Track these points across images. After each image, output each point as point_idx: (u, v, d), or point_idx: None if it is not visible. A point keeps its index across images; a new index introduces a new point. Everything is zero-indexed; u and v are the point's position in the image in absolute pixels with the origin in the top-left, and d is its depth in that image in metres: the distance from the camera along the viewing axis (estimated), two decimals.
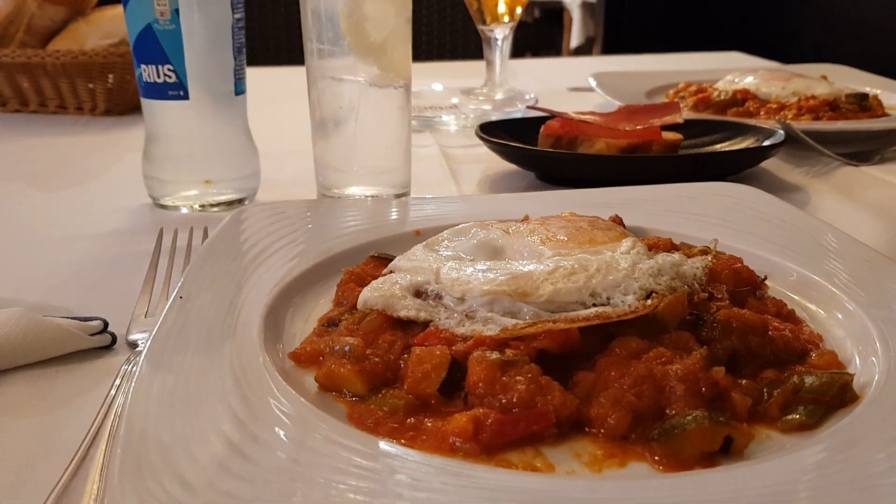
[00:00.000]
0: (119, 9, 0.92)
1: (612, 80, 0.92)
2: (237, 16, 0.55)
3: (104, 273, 0.46)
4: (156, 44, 0.53)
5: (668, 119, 0.60)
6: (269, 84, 1.04)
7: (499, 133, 0.66)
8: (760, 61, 1.22)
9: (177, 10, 0.52)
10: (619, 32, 1.96)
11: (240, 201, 0.58)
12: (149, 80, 0.54)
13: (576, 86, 1.04)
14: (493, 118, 0.81)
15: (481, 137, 0.63)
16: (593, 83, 0.92)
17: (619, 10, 1.94)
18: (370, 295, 0.34)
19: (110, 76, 0.87)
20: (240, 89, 0.57)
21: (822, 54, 1.65)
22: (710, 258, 0.36)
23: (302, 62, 0.56)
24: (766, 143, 0.60)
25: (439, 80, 0.87)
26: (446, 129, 0.81)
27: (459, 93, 0.94)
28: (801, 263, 0.40)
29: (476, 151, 0.67)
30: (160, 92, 0.54)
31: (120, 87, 0.88)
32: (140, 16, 0.53)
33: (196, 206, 0.56)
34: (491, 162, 0.66)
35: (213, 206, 0.57)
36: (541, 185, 0.62)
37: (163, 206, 0.57)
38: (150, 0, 0.52)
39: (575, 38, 4.79)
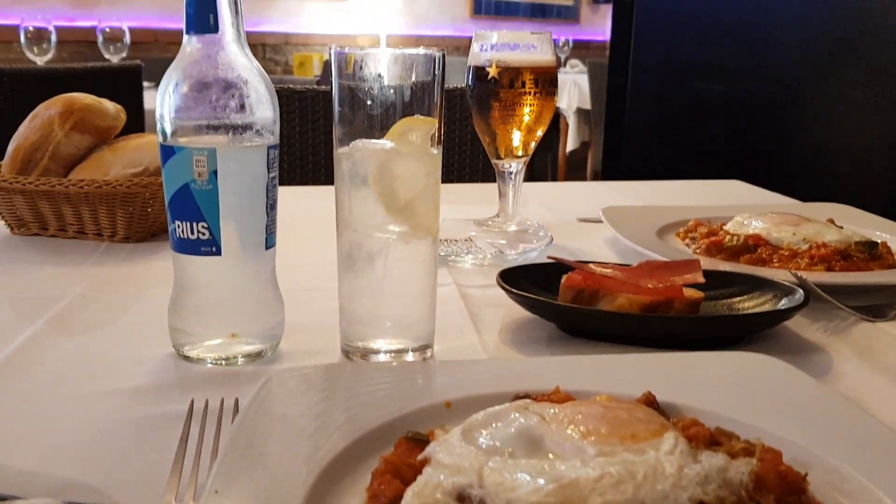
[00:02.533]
0: (144, 138, 0.95)
1: (622, 216, 0.94)
2: (272, 174, 0.57)
3: (131, 440, 0.46)
4: (192, 203, 0.54)
5: (690, 278, 0.61)
6: (299, 202, 1.06)
7: (519, 279, 0.66)
8: (762, 192, 1.25)
9: (215, 172, 0.53)
10: (617, 150, 2.00)
11: (263, 353, 0.58)
12: (182, 237, 0.55)
13: (585, 216, 1.05)
14: (510, 257, 0.82)
15: (503, 287, 0.64)
16: (603, 218, 0.93)
17: (618, 128, 1.99)
18: (414, 503, 0.34)
19: (132, 205, 0.88)
20: (270, 243, 0.58)
21: (821, 186, 1.70)
22: (755, 462, 0.36)
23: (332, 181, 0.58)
24: (786, 303, 0.61)
25: (450, 203, 0.88)
26: (463, 266, 0.81)
27: (474, 224, 0.96)
28: (839, 455, 0.40)
29: (494, 293, 0.67)
30: (193, 248, 0.55)
31: (141, 215, 0.89)
32: (178, 176, 0.54)
33: (222, 361, 0.56)
34: (511, 307, 0.67)
35: (237, 357, 0.57)
36: (562, 335, 0.63)
37: (187, 358, 0.57)
38: (190, 162, 0.53)
39: (571, 142, 4.91)
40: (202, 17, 0.54)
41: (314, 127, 1.51)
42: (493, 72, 0.93)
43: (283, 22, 4.84)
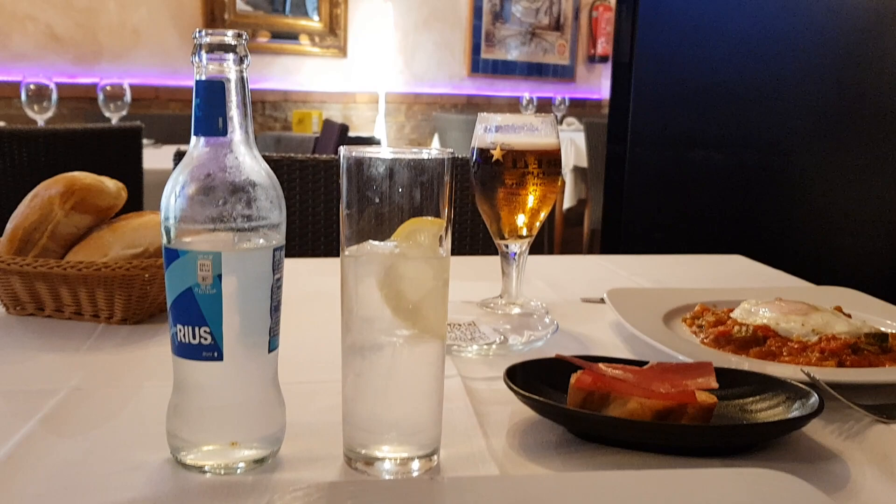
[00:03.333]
0: (144, 218, 0.94)
1: (626, 299, 0.93)
2: (277, 276, 0.56)
3: None
4: (195, 307, 0.53)
5: (703, 382, 0.59)
6: (299, 276, 1.05)
7: (527, 377, 0.65)
8: (765, 269, 1.25)
9: (219, 276, 0.52)
10: (617, 217, 2.01)
11: (263, 459, 0.56)
12: (183, 341, 0.53)
13: (588, 296, 1.04)
14: (516, 347, 0.81)
15: (511, 388, 0.62)
16: (608, 301, 0.92)
17: (617, 196, 2.00)
18: None
19: (131, 288, 0.86)
20: (273, 346, 0.56)
21: (823, 257, 1.70)
22: None
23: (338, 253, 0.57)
24: (800, 408, 0.60)
25: (451, 279, 0.87)
26: (467, 356, 0.80)
27: (476, 306, 0.94)
28: None
29: (501, 387, 0.66)
30: (194, 353, 0.53)
31: (140, 297, 0.87)
32: (181, 280, 0.53)
33: (220, 470, 0.54)
34: (518, 405, 0.65)
35: (237, 466, 0.55)
36: (572, 438, 0.61)
37: (185, 465, 0.55)
38: (194, 265, 0.52)
39: (568, 200, 4.94)
40: (211, 120, 0.54)
41: (314, 196, 1.51)
42: (497, 154, 0.93)
43: (282, 80, 4.90)
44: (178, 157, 1.45)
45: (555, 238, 4.85)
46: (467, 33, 5.99)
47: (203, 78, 0.54)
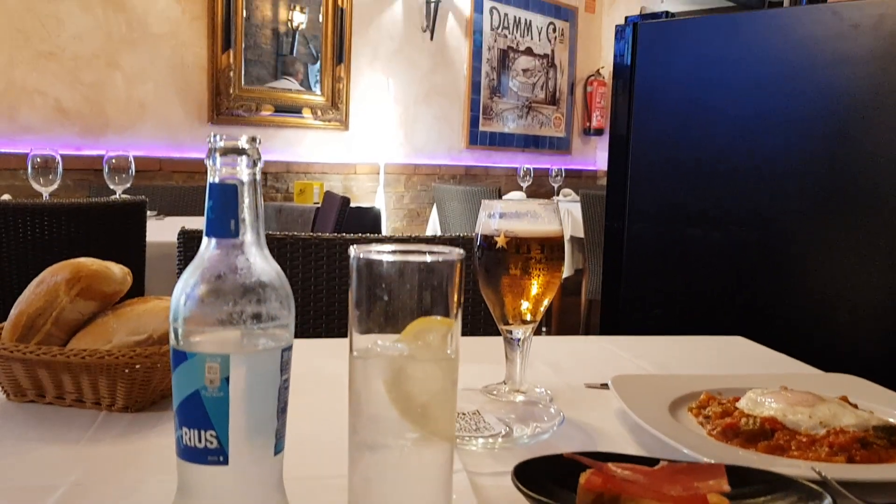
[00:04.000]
0: (149, 304, 0.94)
1: (631, 387, 0.93)
2: (285, 376, 0.55)
3: None
4: (201, 410, 0.52)
5: (714, 485, 0.58)
6: (301, 358, 1.04)
7: (536, 475, 0.64)
8: (767, 352, 1.25)
9: (227, 378, 0.52)
10: (615, 293, 2.01)
11: None
12: (189, 444, 0.53)
13: (592, 381, 1.04)
14: (522, 441, 0.80)
15: (519, 489, 0.61)
16: (613, 389, 0.92)
17: (616, 271, 2.00)
18: None
19: (134, 376, 0.86)
20: (279, 448, 0.56)
21: (822, 337, 1.70)
22: None
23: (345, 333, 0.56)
24: None
25: None
26: (472, 448, 0.79)
27: (480, 393, 0.94)
28: None
29: (507, 483, 0.65)
30: (199, 457, 0.53)
31: (142, 385, 0.87)
32: (189, 382, 0.53)
33: None
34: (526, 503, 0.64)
35: None
36: None
37: None
38: (202, 368, 0.52)
39: (566, 270, 4.95)
40: (223, 222, 0.54)
41: (316, 275, 1.52)
42: (501, 241, 0.94)
43: (285, 151, 4.97)
44: (183, 236, 1.46)
45: (553, 308, 4.85)
46: (466, 107, 6.11)
47: (216, 181, 0.55)
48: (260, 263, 0.55)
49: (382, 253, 0.54)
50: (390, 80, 5.50)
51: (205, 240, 0.55)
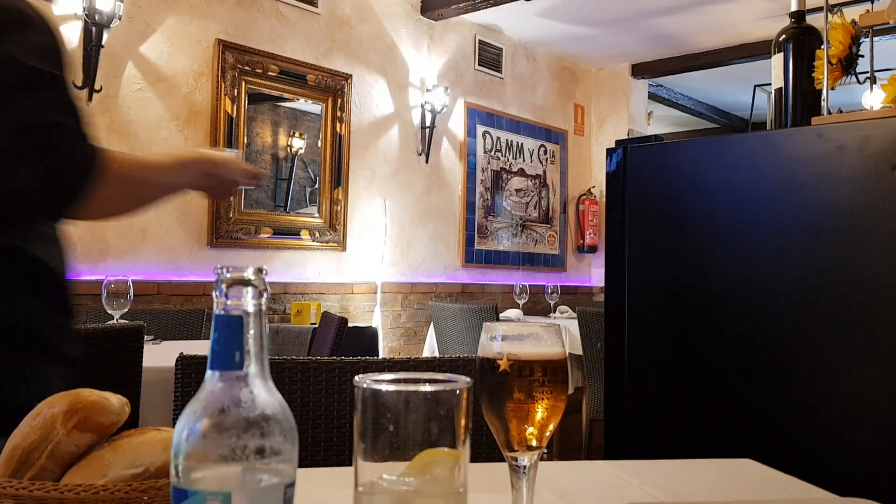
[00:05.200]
0: (146, 435, 0.92)
1: None
2: (288, 494, 0.54)
3: None
4: None
5: None
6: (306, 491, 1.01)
7: None
8: (777, 475, 1.22)
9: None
10: (619, 414, 1.98)
11: None
12: None
13: None
14: None
15: None
16: None
17: (618, 392, 1.98)
18: None
19: None
20: None
21: (829, 458, 1.66)
22: None
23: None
24: None
25: None
26: None
27: None
28: None
29: None
30: None
31: None
32: None
33: None
34: None
35: None
36: None
37: None
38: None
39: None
40: (228, 354, 0.54)
41: (315, 400, 1.49)
42: (504, 364, 0.93)
43: (283, 273, 5.01)
44: (181, 362, 1.45)
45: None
46: (461, 226, 6.22)
47: (222, 312, 0.55)
48: (264, 395, 0.55)
49: (388, 382, 0.54)
50: (386, 202, 5.62)
51: (209, 372, 0.55)
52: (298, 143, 5.23)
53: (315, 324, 4.70)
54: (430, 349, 5.23)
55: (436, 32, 6.10)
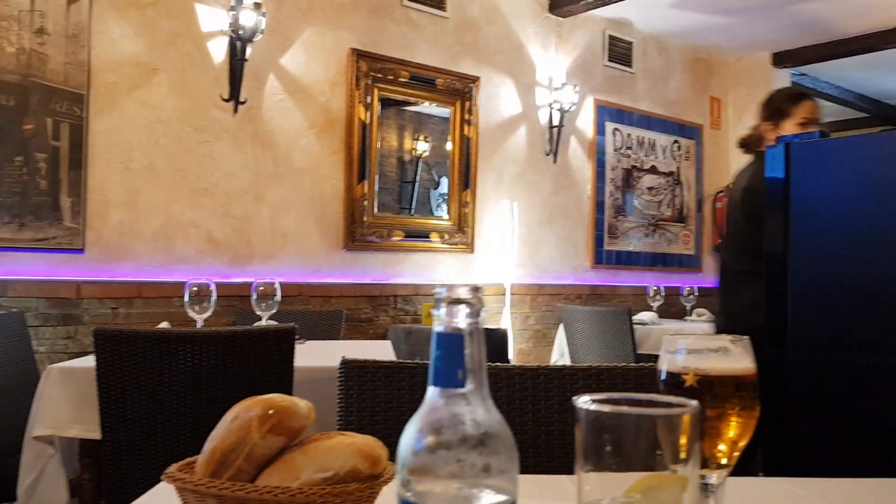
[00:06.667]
0: (333, 440, 0.95)
1: None
2: None
3: None
4: None
5: None
6: None
7: None
8: None
9: None
10: (780, 429, 1.88)
11: None
12: None
13: None
14: None
15: None
16: None
17: (778, 401, 1.89)
18: None
19: None
20: None
21: None
22: None
23: None
24: None
25: None
26: None
27: None
28: None
29: None
30: None
31: None
32: None
33: None
34: None
35: None
36: None
37: None
38: None
39: None
40: (450, 372, 0.55)
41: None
42: (690, 380, 0.90)
43: (414, 275, 5.11)
44: (344, 366, 1.49)
45: None
46: (590, 226, 6.12)
47: (444, 330, 0.56)
48: (485, 413, 0.55)
49: (611, 403, 0.53)
50: (514, 203, 5.61)
51: (431, 389, 0.56)
52: (422, 147, 5.31)
53: None
54: (559, 352, 5.18)
55: (563, 30, 6.03)
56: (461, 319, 0.56)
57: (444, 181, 5.38)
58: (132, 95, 4.04)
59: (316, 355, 2.96)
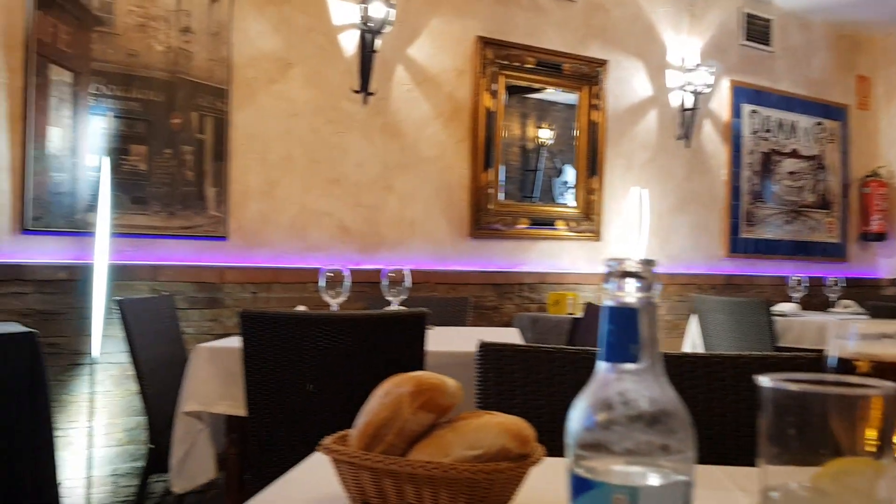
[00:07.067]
0: (482, 419, 0.95)
1: None
2: (690, 494, 0.52)
3: None
4: None
5: None
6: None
7: None
8: None
9: None
10: None
11: None
12: None
13: None
14: None
15: None
16: None
17: None
18: None
19: (473, 491, 0.87)
20: None
21: None
22: None
23: None
24: None
25: None
26: None
27: None
28: None
29: None
30: None
31: (480, 500, 0.87)
32: None
33: None
34: None
35: None
36: None
37: None
38: (607, 499, 0.50)
39: None
40: (623, 347, 0.53)
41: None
42: (863, 367, 0.84)
43: (539, 263, 5.07)
44: (482, 349, 1.49)
45: None
46: (725, 214, 5.88)
47: (616, 305, 0.54)
48: (660, 390, 0.53)
49: (801, 383, 0.50)
50: (644, 190, 5.46)
51: (602, 364, 0.55)
52: (546, 134, 5.25)
53: (572, 314, 4.69)
54: (691, 344, 5.00)
55: (696, 9, 5.79)
56: (633, 293, 0.54)
57: (568, 169, 5.30)
58: (269, 89, 4.22)
59: (445, 341, 2.99)
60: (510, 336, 3.34)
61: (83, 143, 3.68)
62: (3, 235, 3.52)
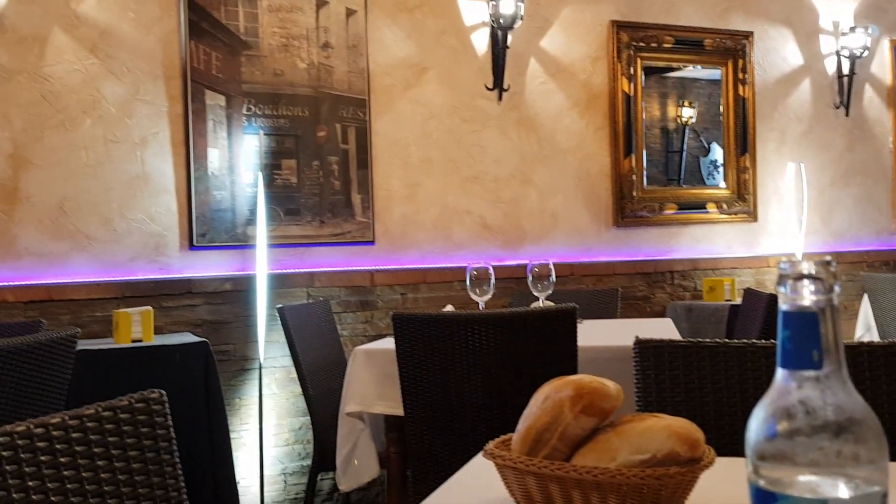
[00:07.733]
0: (647, 422, 0.93)
1: None
2: None
3: None
4: None
5: None
6: None
7: None
8: None
9: None
10: None
11: None
12: None
13: None
14: None
15: None
16: None
17: None
18: None
19: (641, 496, 0.85)
20: None
21: None
22: None
23: None
24: None
25: None
26: None
27: None
28: None
29: None
30: None
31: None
32: None
33: None
34: None
35: None
36: None
37: None
38: None
39: None
40: (804, 353, 0.50)
41: (755, 385, 1.39)
42: None
43: (690, 249, 4.88)
44: (639, 346, 1.46)
45: None
46: (894, 185, 5.41)
47: (792, 309, 0.51)
48: (846, 397, 0.50)
49: None
50: (801, 164, 5.13)
51: (781, 371, 0.52)
52: (688, 113, 5.03)
53: (729, 300, 4.49)
54: (864, 326, 4.65)
55: None
56: (810, 296, 0.51)
57: (715, 147, 5.07)
58: (406, 95, 4.32)
59: (596, 334, 2.95)
60: (663, 326, 3.24)
61: (239, 161, 3.92)
62: (174, 252, 3.82)
